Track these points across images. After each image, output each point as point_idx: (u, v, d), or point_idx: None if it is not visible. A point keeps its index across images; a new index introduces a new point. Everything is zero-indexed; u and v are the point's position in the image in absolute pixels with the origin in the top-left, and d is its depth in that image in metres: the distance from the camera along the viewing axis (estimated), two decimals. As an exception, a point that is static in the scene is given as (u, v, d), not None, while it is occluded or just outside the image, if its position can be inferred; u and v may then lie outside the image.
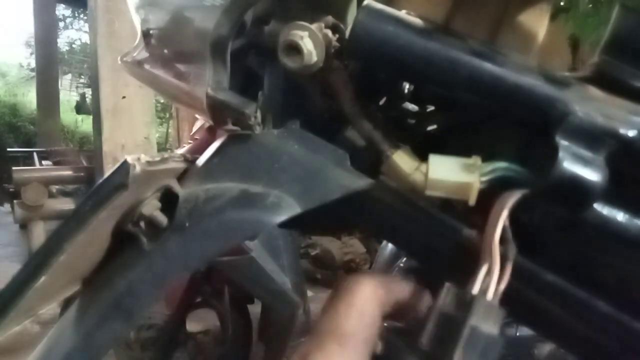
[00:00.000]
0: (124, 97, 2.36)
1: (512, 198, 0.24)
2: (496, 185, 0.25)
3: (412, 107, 0.34)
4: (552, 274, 0.27)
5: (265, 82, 0.35)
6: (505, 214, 0.24)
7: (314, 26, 0.30)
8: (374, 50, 0.27)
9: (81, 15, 9.26)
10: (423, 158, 0.27)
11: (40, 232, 2.76)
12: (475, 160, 0.26)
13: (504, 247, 0.24)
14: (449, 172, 0.26)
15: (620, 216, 0.26)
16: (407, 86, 0.33)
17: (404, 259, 0.48)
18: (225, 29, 0.30)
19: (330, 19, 0.32)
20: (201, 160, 0.32)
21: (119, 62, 0.37)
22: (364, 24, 0.27)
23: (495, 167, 0.25)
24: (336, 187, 0.28)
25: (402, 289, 0.27)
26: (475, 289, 0.23)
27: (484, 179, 0.25)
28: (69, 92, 9.55)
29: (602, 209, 0.26)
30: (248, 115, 0.30)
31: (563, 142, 0.24)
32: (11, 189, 2.91)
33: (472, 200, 0.25)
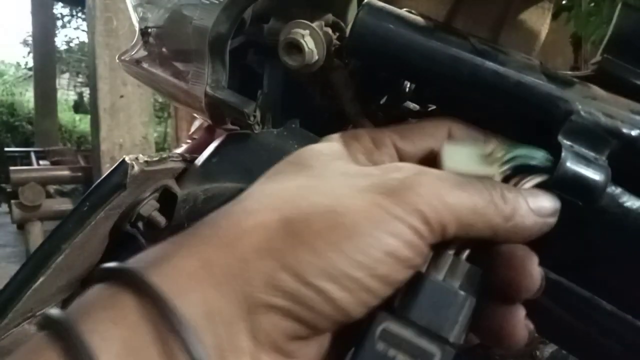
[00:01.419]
0: (122, 96, 2.36)
1: (531, 182, 0.23)
2: (513, 173, 0.24)
3: (413, 106, 0.34)
4: (555, 274, 0.27)
5: (265, 80, 0.35)
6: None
7: (315, 24, 0.29)
8: (375, 49, 0.27)
9: (79, 14, 9.25)
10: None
11: (38, 233, 2.76)
12: (494, 148, 0.24)
13: None
14: (466, 163, 0.23)
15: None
16: (408, 85, 0.33)
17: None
18: (224, 27, 0.30)
19: (330, 17, 0.31)
20: (200, 159, 0.32)
21: (117, 60, 0.37)
22: (364, 21, 0.27)
23: (515, 155, 0.24)
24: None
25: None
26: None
27: (504, 168, 0.23)
28: (66, 91, 9.55)
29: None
30: (247, 114, 0.30)
31: (566, 142, 0.24)
32: (8, 189, 2.91)
33: None
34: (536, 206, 0.22)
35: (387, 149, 0.24)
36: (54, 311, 0.18)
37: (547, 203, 0.23)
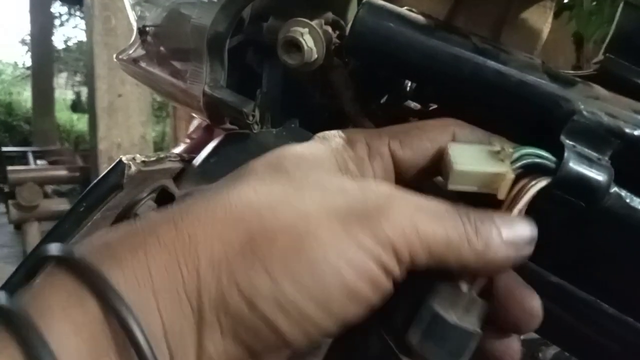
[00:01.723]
0: (120, 96, 2.35)
1: (537, 186, 0.22)
2: (521, 173, 0.23)
3: (414, 105, 0.33)
4: (556, 276, 0.26)
5: (264, 80, 0.35)
6: (526, 199, 0.22)
7: (314, 23, 0.29)
8: (375, 47, 0.27)
9: (77, 13, 9.24)
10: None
11: (35, 233, 2.76)
12: (502, 146, 0.23)
13: None
14: (476, 162, 0.22)
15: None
16: (408, 84, 0.33)
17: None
18: (222, 25, 0.30)
19: (330, 15, 0.31)
20: (198, 159, 0.31)
21: (115, 59, 0.36)
22: (365, 20, 0.27)
23: (523, 154, 0.23)
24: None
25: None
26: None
27: (516, 166, 0.22)
28: (64, 91, 9.54)
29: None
30: (246, 114, 0.30)
31: (568, 142, 0.24)
32: (6, 189, 2.90)
33: (503, 193, 0.22)
34: (510, 237, 0.21)
35: (382, 158, 0.23)
36: (2, 298, 0.17)
37: (522, 232, 0.22)
